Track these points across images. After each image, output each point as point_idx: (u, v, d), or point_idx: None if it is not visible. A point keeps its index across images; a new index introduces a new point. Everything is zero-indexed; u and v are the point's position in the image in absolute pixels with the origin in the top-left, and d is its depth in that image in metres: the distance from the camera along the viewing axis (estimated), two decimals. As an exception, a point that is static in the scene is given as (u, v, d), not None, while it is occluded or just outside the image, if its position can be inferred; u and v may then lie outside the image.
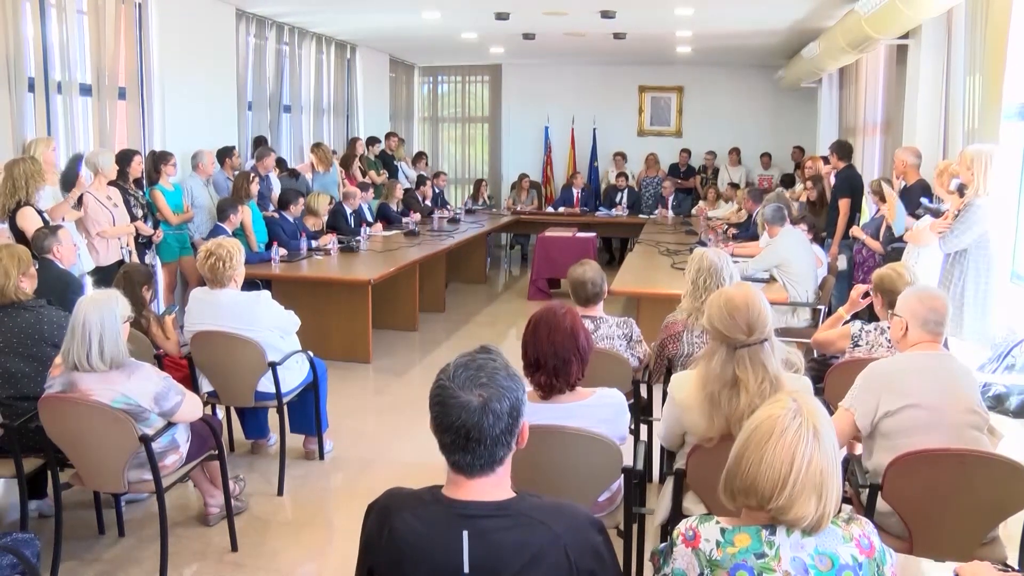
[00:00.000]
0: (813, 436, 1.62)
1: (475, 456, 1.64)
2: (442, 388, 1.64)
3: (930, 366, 2.75)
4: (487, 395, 1.62)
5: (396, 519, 1.69)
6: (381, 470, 4.46)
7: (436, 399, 1.65)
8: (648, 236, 8.66)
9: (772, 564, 1.60)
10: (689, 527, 1.67)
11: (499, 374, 1.66)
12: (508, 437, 1.66)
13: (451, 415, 1.62)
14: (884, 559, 1.66)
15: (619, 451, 2.67)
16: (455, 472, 1.67)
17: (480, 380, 1.63)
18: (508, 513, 1.65)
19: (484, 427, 1.61)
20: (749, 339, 2.45)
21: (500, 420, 1.63)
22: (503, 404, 1.63)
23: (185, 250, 6.66)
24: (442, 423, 1.63)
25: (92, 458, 3.19)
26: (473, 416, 1.61)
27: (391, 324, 7.31)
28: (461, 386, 1.63)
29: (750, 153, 11.72)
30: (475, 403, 1.61)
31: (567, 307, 2.76)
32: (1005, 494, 2.57)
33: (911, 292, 2.91)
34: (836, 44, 7.41)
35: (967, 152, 4.72)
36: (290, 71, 9.00)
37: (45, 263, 4.27)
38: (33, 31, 5.57)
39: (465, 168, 13.42)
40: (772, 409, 1.66)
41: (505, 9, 7.73)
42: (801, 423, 1.62)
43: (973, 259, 4.65)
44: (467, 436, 1.62)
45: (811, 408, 1.66)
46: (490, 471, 1.66)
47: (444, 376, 1.66)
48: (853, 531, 1.65)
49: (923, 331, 2.80)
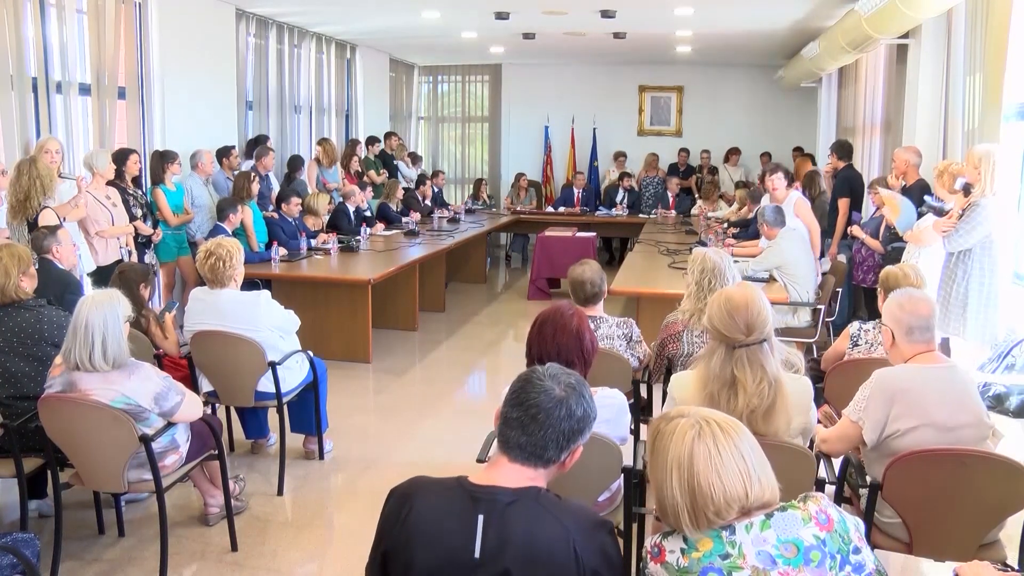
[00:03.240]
0: (734, 427, 1.68)
1: (531, 439, 1.69)
2: (532, 373, 1.76)
3: (939, 382, 2.69)
4: (569, 393, 1.72)
5: (415, 501, 1.73)
6: (381, 470, 4.46)
7: (521, 380, 1.75)
8: (648, 236, 8.65)
9: (739, 562, 1.61)
10: (654, 544, 1.69)
11: (585, 388, 1.77)
12: (565, 441, 1.71)
13: (531, 393, 1.71)
14: (846, 526, 1.67)
15: (619, 451, 2.67)
16: (502, 451, 1.73)
17: (569, 381, 1.75)
18: (523, 501, 1.68)
19: (553, 416, 1.69)
20: (747, 339, 2.45)
21: (570, 419, 1.71)
22: (579, 408, 1.72)
23: (183, 250, 6.66)
24: (518, 398, 1.72)
25: (92, 458, 3.18)
26: (549, 401, 1.70)
27: (391, 324, 7.31)
28: (550, 377, 1.75)
29: (750, 153, 11.72)
30: (558, 392, 1.71)
31: (575, 308, 2.76)
32: (1005, 494, 2.57)
33: (893, 298, 2.85)
34: (836, 44, 7.41)
35: (975, 151, 4.70)
36: (290, 71, 9.01)
37: (44, 263, 4.27)
38: (33, 31, 5.57)
39: (465, 168, 13.42)
40: (683, 436, 1.65)
41: (505, 9, 7.73)
42: (717, 426, 1.66)
43: (977, 259, 4.63)
44: (534, 417, 1.69)
45: (706, 412, 1.71)
46: (532, 463, 1.71)
47: (537, 368, 1.77)
48: (811, 509, 1.66)
49: (909, 340, 2.74)
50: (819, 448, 2.86)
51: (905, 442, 2.66)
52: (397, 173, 10.47)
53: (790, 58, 10.46)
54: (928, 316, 2.74)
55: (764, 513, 1.64)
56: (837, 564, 1.63)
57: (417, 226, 8.85)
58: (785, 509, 1.65)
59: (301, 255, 6.87)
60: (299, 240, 7.04)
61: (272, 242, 6.81)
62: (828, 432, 2.86)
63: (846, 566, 1.63)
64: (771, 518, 1.64)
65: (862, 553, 1.66)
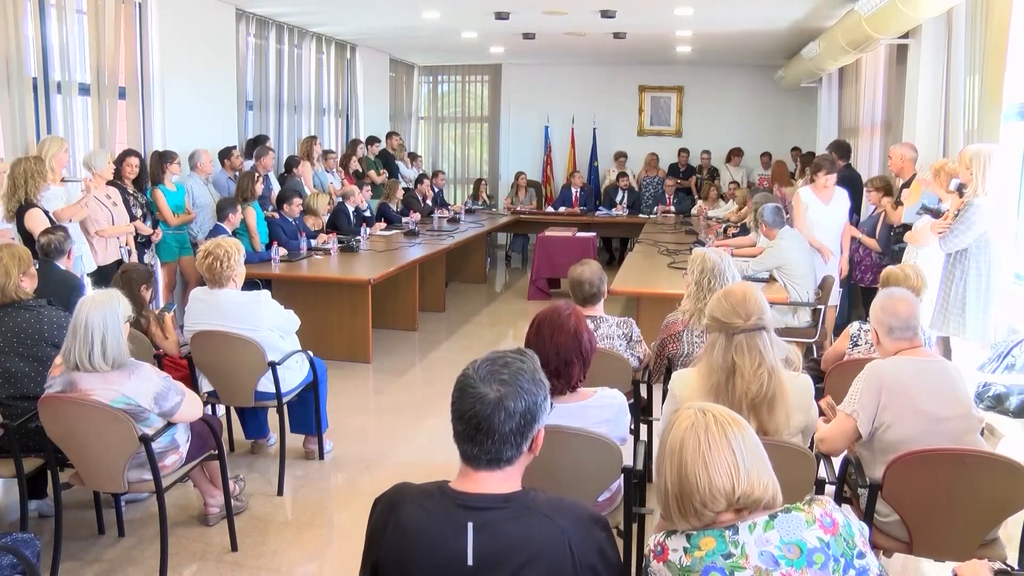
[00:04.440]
0: (731, 420, 1.67)
1: (482, 449, 1.66)
2: (465, 377, 1.69)
3: (926, 372, 2.75)
4: (504, 392, 1.65)
5: (402, 512, 1.70)
6: (381, 470, 4.46)
7: (457, 386, 1.69)
8: (648, 236, 8.66)
9: (741, 562, 1.61)
10: (657, 543, 1.69)
11: (522, 376, 1.68)
12: (518, 439, 1.67)
13: (466, 404, 1.66)
14: (851, 531, 1.67)
15: (619, 451, 2.67)
16: (464, 462, 1.70)
17: (501, 376, 1.67)
18: (513, 506, 1.66)
19: (494, 422, 1.64)
20: (746, 324, 2.49)
21: (511, 419, 1.65)
22: (517, 404, 1.65)
23: (184, 250, 6.66)
24: (457, 410, 1.68)
25: (92, 458, 3.18)
26: (486, 409, 1.64)
27: (391, 324, 7.31)
28: (482, 378, 1.67)
29: (750, 153, 11.72)
30: (490, 397, 1.65)
31: (572, 307, 2.75)
32: (1005, 494, 2.58)
33: (876, 300, 2.95)
34: (836, 44, 7.40)
35: (966, 152, 4.72)
36: (290, 71, 9.01)
37: (48, 265, 4.27)
38: (33, 31, 5.57)
39: (465, 168, 13.42)
40: (681, 423, 1.68)
41: (505, 9, 7.73)
42: (712, 418, 1.67)
43: (974, 259, 4.64)
44: (476, 427, 1.65)
45: (710, 406, 1.71)
46: (496, 467, 1.68)
47: (471, 367, 1.71)
48: (815, 512, 1.66)
49: (891, 339, 2.84)
50: (818, 448, 2.87)
51: (894, 433, 2.69)
52: (397, 173, 10.47)
53: (790, 58, 10.46)
54: (907, 316, 2.83)
55: (768, 514, 1.64)
56: (841, 568, 1.62)
57: (417, 226, 8.85)
58: (789, 511, 1.65)
59: (301, 255, 6.87)
60: (299, 240, 7.04)
61: (272, 242, 6.81)
62: (825, 430, 2.87)
63: (850, 570, 1.63)
64: (775, 519, 1.64)
65: (866, 558, 1.66)
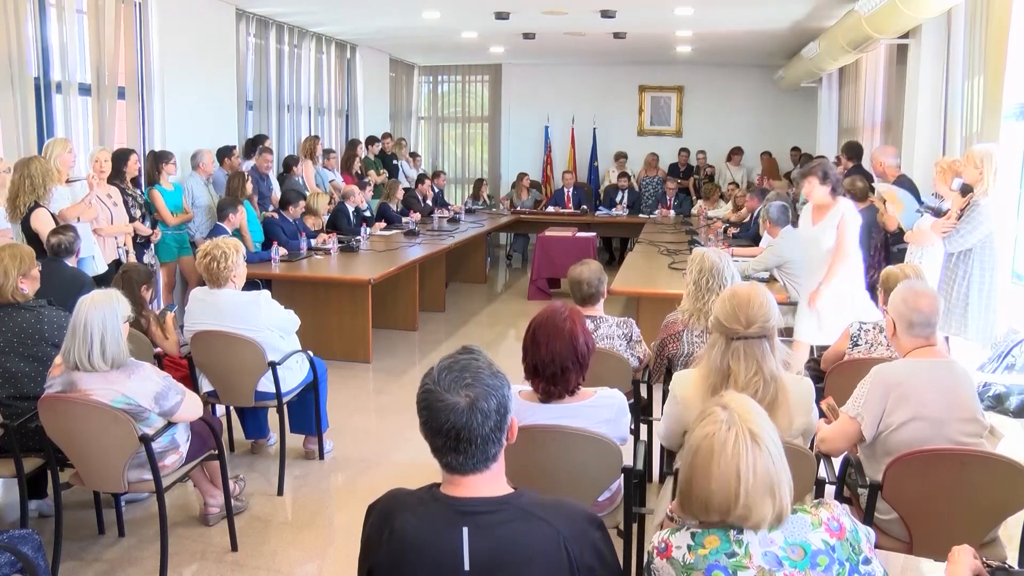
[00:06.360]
0: (751, 442, 1.63)
1: (467, 456, 1.65)
2: (428, 392, 1.65)
3: (935, 376, 2.71)
4: (474, 395, 1.63)
5: (396, 519, 1.69)
6: (381, 470, 4.46)
7: (423, 403, 1.66)
8: (648, 236, 8.66)
9: (744, 562, 1.61)
10: (661, 540, 1.70)
11: (483, 373, 1.67)
12: (498, 434, 1.67)
13: (440, 418, 1.63)
14: (858, 536, 1.67)
15: (619, 451, 2.67)
16: (449, 473, 1.69)
17: (465, 380, 1.64)
18: (507, 508, 1.66)
19: (474, 427, 1.63)
20: (745, 331, 2.48)
21: (489, 418, 1.64)
22: (490, 402, 1.64)
23: (184, 250, 6.66)
24: (432, 426, 1.65)
25: (92, 458, 3.18)
26: (462, 417, 1.62)
27: (391, 324, 7.31)
28: (447, 388, 1.63)
29: (750, 153, 11.72)
30: (463, 404, 1.62)
31: (569, 309, 2.72)
32: (1005, 494, 2.57)
33: (899, 289, 2.87)
34: (836, 44, 7.41)
35: (976, 151, 4.67)
36: (290, 71, 9.01)
37: (58, 263, 4.26)
38: (33, 31, 5.57)
39: (465, 168, 13.42)
40: (706, 427, 1.67)
41: (505, 9, 7.73)
42: (737, 433, 1.63)
43: (977, 259, 4.61)
44: (458, 437, 1.63)
45: (744, 411, 1.67)
46: (484, 468, 1.68)
47: (429, 380, 1.67)
48: (822, 515, 1.67)
49: (909, 335, 2.78)
50: (819, 448, 2.86)
51: (899, 436, 2.67)
52: (398, 173, 10.47)
53: (790, 58, 10.46)
54: (930, 313, 2.76)
55: None
56: (846, 572, 1.63)
57: (417, 226, 8.86)
58: (795, 512, 1.66)
59: (301, 255, 6.87)
60: (299, 240, 7.04)
61: (272, 242, 6.81)
62: (827, 431, 2.86)
63: (854, 575, 1.63)
64: None
65: (872, 564, 1.67)
